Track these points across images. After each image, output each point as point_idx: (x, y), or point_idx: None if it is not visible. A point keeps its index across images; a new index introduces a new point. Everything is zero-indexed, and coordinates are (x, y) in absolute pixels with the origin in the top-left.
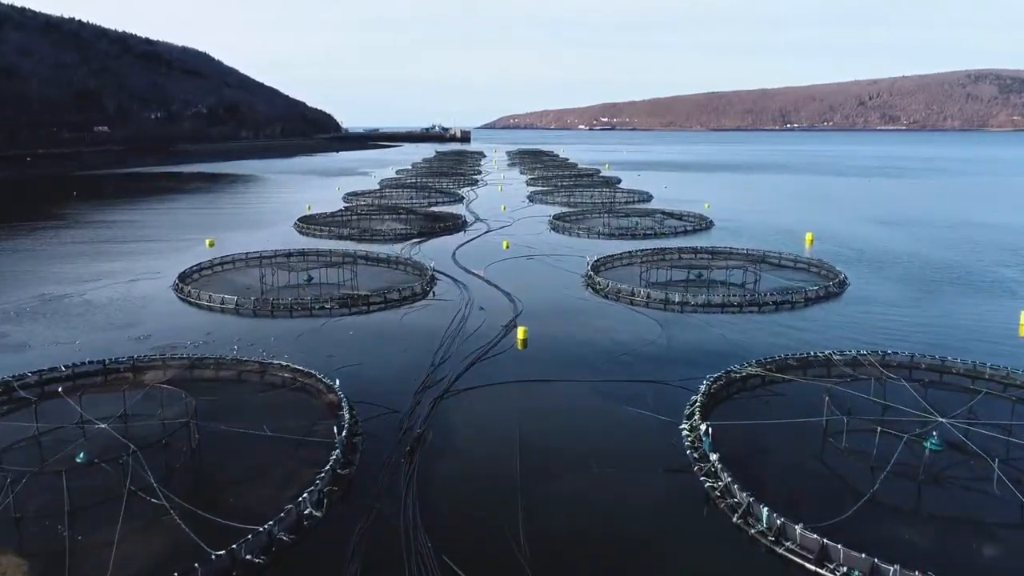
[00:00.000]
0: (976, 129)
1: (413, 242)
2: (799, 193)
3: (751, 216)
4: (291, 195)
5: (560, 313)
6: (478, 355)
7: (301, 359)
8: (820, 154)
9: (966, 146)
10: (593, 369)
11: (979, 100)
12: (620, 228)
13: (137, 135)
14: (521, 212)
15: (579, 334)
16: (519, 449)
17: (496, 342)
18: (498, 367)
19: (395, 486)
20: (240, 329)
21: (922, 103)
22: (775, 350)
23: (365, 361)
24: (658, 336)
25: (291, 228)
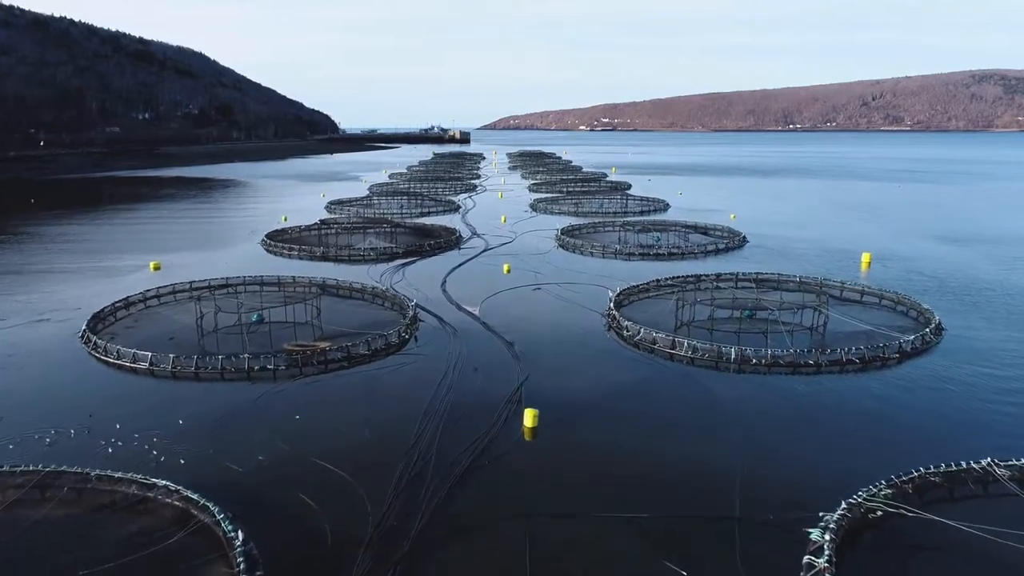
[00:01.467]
0: (981, 130)
1: (398, 264)
2: (830, 201)
3: (787, 230)
4: (269, 204)
5: (578, 376)
6: (468, 456)
7: (206, 472)
8: (833, 156)
9: (978, 147)
10: (635, 490)
11: (983, 100)
12: (640, 246)
13: (121, 137)
14: (524, 224)
15: (607, 415)
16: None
17: (494, 432)
18: (495, 484)
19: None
20: (145, 403)
21: (926, 104)
22: (903, 455)
23: (305, 476)
24: (717, 421)
25: (258, 245)
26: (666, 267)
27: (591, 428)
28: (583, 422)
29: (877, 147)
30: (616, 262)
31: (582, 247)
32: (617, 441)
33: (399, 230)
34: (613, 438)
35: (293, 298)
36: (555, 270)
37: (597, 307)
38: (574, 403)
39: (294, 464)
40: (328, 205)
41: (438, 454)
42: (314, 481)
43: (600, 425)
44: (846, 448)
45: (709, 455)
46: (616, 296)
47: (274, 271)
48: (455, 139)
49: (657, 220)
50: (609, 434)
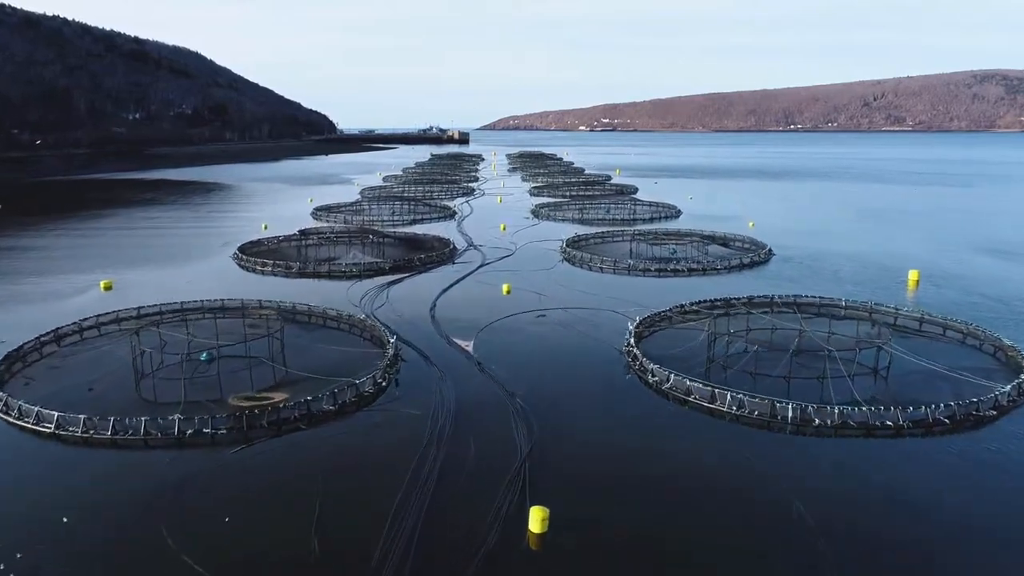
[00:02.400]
0: (983, 130)
1: (383, 282)
2: (853, 206)
3: (814, 241)
4: (251, 210)
5: (597, 443)
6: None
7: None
8: (840, 157)
9: (985, 148)
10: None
11: (985, 101)
12: (654, 259)
13: (109, 137)
14: (525, 233)
15: (636, 505)
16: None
17: (490, 542)
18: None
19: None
20: (37, 484)
21: (928, 104)
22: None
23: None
24: (790, 524)
25: (230, 259)
26: (686, 285)
27: (617, 526)
28: (607, 519)
29: (882, 147)
30: (629, 279)
31: (590, 261)
32: (654, 544)
33: (387, 241)
34: (648, 541)
35: (255, 330)
36: (561, 290)
37: (613, 339)
38: (593, 488)
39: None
40: (314, 211)
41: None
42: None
43: (629, 521)
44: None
45: (773, 544)
46: (636, 328)
47: (241, 291)
48: (454, 140)
49: (670, 229)
50: (642, 537)
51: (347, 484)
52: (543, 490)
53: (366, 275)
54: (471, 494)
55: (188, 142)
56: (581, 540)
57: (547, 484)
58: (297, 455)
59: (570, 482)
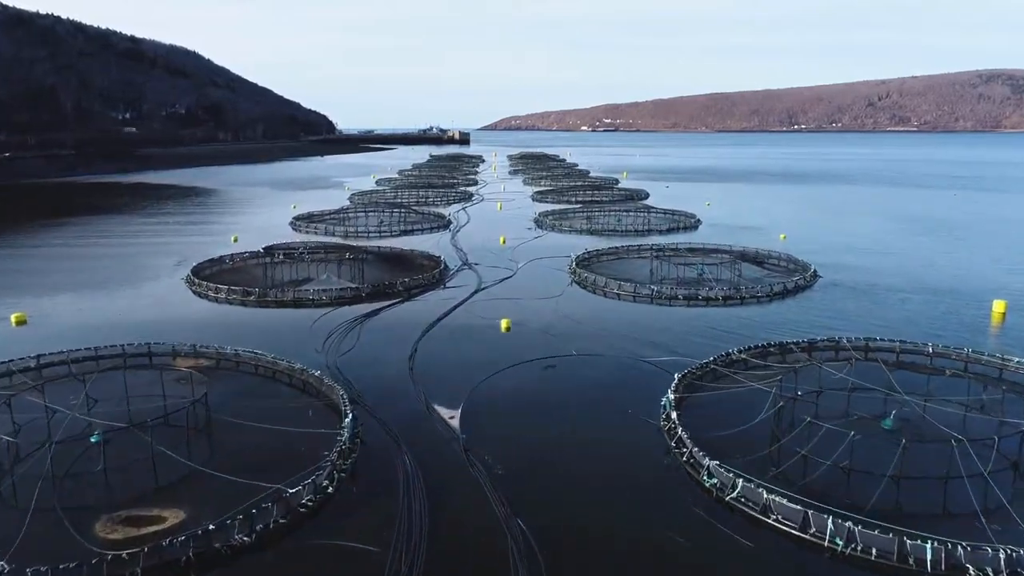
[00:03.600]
0: (989, 130)
1: (356, 315)
2: (890, 214)
3: (859, 258)
4: (225, 219)
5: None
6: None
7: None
8: (855, 158)
9: (996, 148)
10: None
11: (991, 101)
12: (680, 282)
13: (96, 138)
14: (528, 248)
15: None
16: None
17: None
18: None
19: None
20: None
21: (933, 104)
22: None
23: None
24: None
25: (181, 282)
26: (722, 317)
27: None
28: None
29: (895, 148)
30: (653, 309)
31: (606, 287)
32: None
33: (368, 259)
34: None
35: (181, 385)
36: (573, 327)
37: (644, 403)
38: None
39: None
40: (293, 221)
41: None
42: None
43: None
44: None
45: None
46: (676, 394)
47: (183, 326)
48: (454, 140)
49: (694, 243)
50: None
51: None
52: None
53: (339, 302)
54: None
55: (179, 143)
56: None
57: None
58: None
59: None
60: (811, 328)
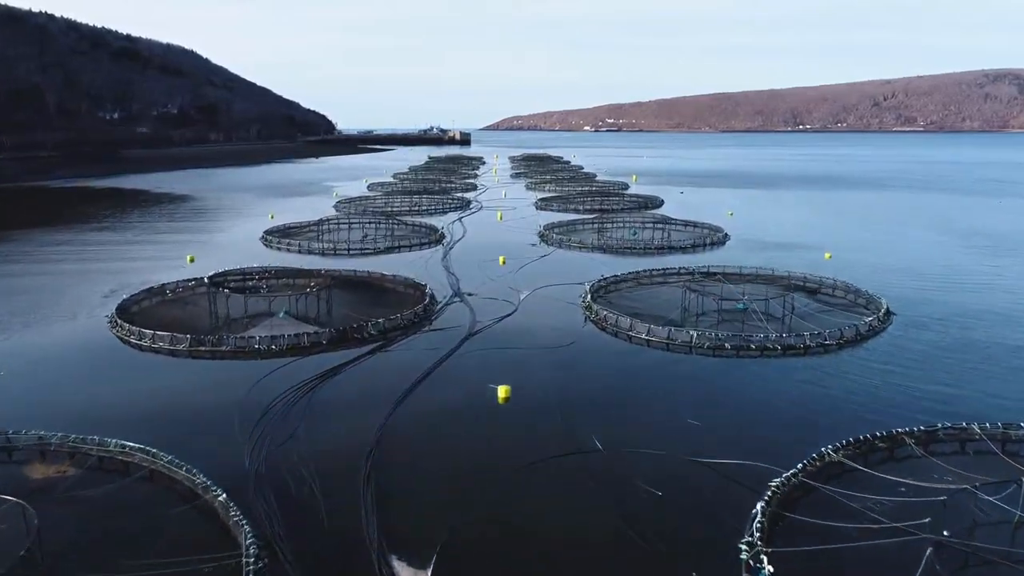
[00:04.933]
0: (997, 130)
1: (308, 376)
2: (936, 225)
3: (933, 288)
4: (188, 232)
5: None
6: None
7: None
8: (870, 160)
9: (1008, 149)
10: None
11: (998, 100)
12: (722, 318)
13: (79, 139)
14: (532, 270)
15: None
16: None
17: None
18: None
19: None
20: None
21: (939, 104)
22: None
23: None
24: None
25: (104, 320)
26: (785, 375)
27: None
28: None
29: (907, 149)
30: (693, 361)
31: (631, 329)
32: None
33: (336, 289)
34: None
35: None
36: (593, 391)
37: (716, 549)
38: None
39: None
40: (265, 235)
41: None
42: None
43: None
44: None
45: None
46: (764, 514)
47: (81, 394)
48: (455, 140)
49: (728, 266)
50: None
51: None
52: None
53: (293, 352)
54: None
55: (168, 143)
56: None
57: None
58: None
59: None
60: (911, 399)
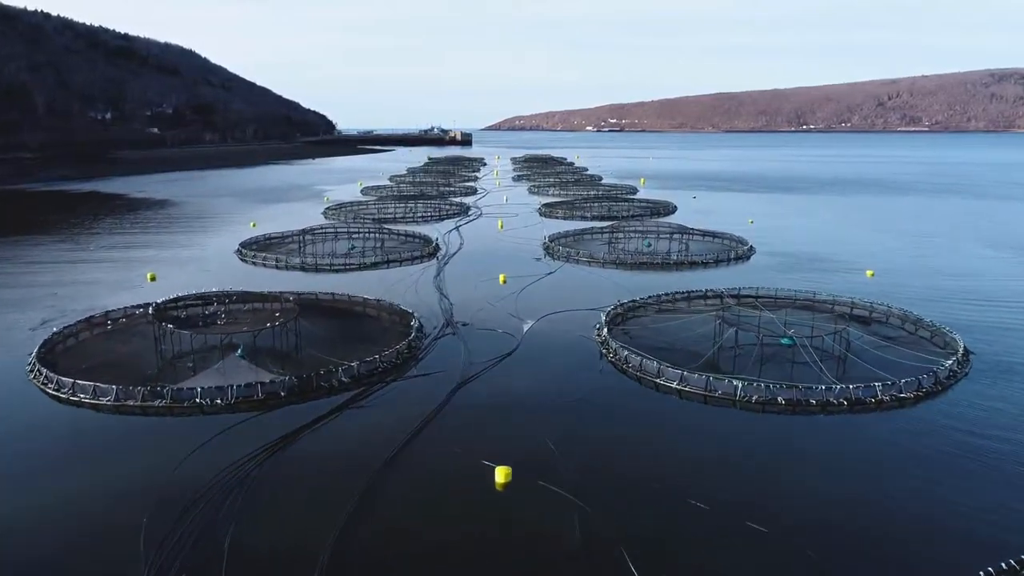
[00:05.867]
0: (1003, 130)
1: (264, 439)
2: (982, 237)
3: (998, 314)
4: (155, 247)
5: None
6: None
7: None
8: (883, 161)
9: (1019, 149)
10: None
11: (1004, 100)
12: (766, 359)
13: (66, 140)
14: (537, 291)
15: None
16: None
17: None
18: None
19: None
20: None
21: (944, 103)
22: None
23: None
24: None
25: (27, 359)
26: (856, 436)
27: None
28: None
29: (918, 150)
30: (739, 419)
31: (659, 376)
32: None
33: (307, 318)
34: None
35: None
36: (617, 466)
37: None
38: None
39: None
40: (240, 248)
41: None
42: None
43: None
44: None
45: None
46: None
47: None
48: (456, 141)
49: (763, 287)
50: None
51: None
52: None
53: (245, 406)
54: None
55: (160, 144)
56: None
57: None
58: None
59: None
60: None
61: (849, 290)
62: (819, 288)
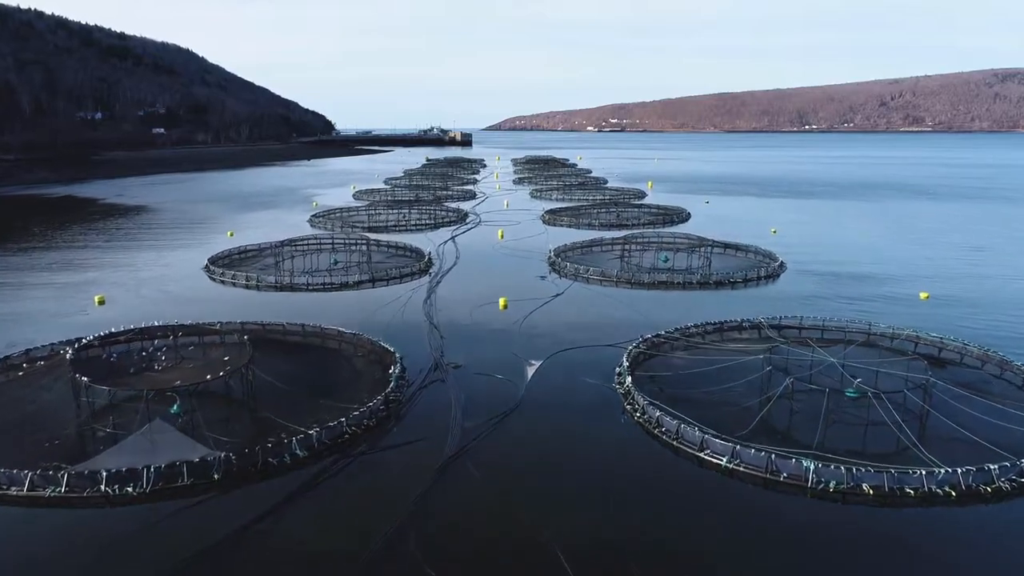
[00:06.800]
0: (1007, 131)
1: (193, 546)
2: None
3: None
4: (111, 267)
5: None
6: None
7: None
8: (897, 162)
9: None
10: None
11: (1008, 100)
12: (832, 418)
13: (50, 140)
14: (543, 318)
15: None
16: None
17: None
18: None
19: None
20: None
21: (947, 104)
22: None
23: None
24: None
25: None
26: (969, 540)
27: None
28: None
29: (925, 151)
30: (822, 510)
31: (703, 448)
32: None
33: (267, 360)
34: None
35: None
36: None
37: None
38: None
39: None
40: (208, 265)
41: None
42: None
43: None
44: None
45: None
46: None
47: None
48: (456, 141)
49: (806, 317)
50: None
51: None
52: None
53: (165, 496)
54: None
55: (150, 145)
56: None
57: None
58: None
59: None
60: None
61: (906, 318)
62: (869, 314)
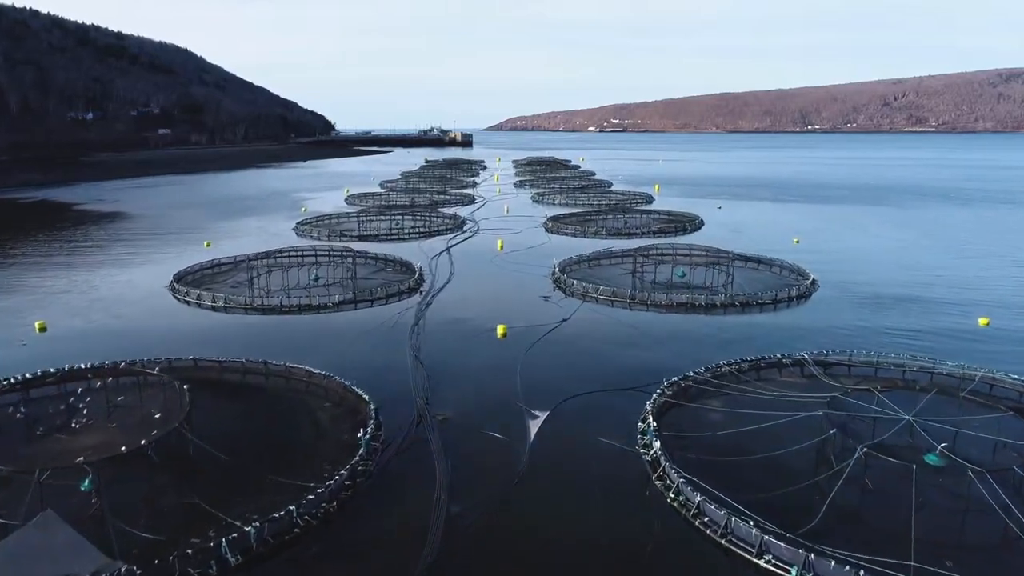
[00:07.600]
0: (1012, 131)
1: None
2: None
3: None
4: (68, 282)
5: None
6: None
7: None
8: (910, 164)
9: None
10: None
11: (1012, 100)
12: (922, 502)
13: (38, 141)
14: (548, 352)
15: None
16: None
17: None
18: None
19: None
20: None
21: (951, 104)
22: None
23: None
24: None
25: None
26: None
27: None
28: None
29: (934, 151)
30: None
31: (761, 553)
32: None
33: (212, 413)
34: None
35: None
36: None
37: None
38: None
39: None
40: (174, 282)
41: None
42: None
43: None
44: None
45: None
46: None
47: None
48: (456, 142)
49: (854, 350)
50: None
51: None
52: None
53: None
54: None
55: (143, 146)
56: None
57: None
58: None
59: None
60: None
61: (971, 353)
62: (925, 346)
